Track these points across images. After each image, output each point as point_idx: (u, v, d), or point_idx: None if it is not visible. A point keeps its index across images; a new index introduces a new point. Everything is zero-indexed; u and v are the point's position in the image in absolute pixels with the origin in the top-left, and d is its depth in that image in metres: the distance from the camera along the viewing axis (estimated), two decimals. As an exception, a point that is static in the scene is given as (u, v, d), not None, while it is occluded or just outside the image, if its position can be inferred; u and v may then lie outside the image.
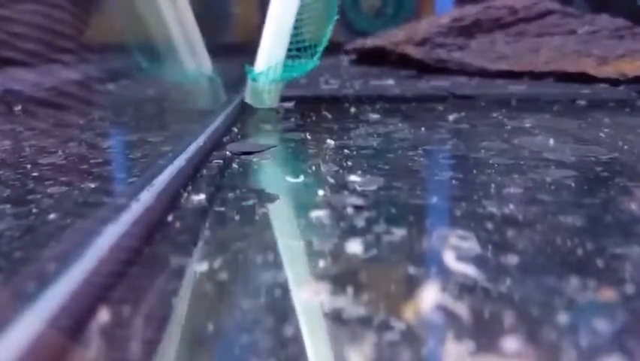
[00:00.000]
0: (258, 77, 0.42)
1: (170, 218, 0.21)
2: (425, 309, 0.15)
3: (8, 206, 0.23)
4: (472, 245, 0.18)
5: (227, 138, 0.35)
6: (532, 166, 0.28)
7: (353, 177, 0.26)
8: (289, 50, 0.43)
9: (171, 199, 0.23)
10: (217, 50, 0.99)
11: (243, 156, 0.30)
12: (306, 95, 0.52)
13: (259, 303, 0.15)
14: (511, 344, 0.13)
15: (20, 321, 0.13)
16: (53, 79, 0.49)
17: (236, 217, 0.21)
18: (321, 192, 0.24)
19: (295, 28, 0.43)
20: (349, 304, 0.15)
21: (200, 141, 0.30)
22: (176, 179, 0.24)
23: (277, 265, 0.17)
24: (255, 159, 0.30)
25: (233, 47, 1.05)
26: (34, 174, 0.28)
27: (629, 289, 0.16)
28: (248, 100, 0.44)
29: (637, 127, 0.37)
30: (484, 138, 0.34)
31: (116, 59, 0.80)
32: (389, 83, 0.59)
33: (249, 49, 1.04)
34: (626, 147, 0.32)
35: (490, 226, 0.20)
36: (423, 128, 0.37)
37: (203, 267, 0.17)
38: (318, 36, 0.44)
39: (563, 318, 0.14)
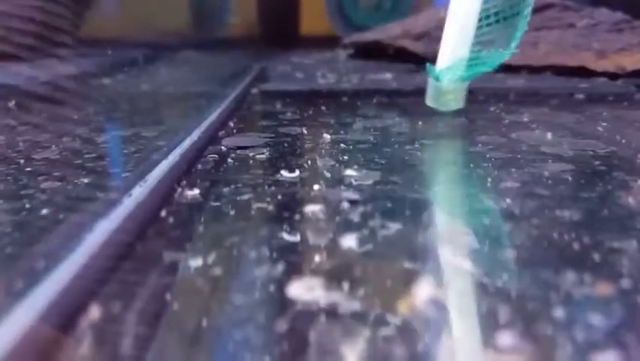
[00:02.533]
0: (441, 75, 0.35)
1: (163, 213, 0.21)
2: (420, 304, 0.15)
3: (1, 201, 0.23)
4: (468, 239, 0.18)
5: (223, 132, 0.34)
6: (530, 160, 0.28)
7: (349, 172, 0.26)
8: (475, 43, 0.36)
9: (165, 194, 0.22)
10: (213, 43, 0.99)
11: (238, 151, 0.30)
12: (302, 90, 0.52)
13: (253, 298, 0.15)
14: (507, 338, 0.13)
15: (10, 316, 0.13)
16: (48, 73, 0.49)
17: (231, 212, 0.21)
18: (316, 187, 0.24)
19: (484, 17, 0.36)
20: (344, 300, 0.15)
21: (194, 135, 0.29)
22: (170, 174, 0.24)
23: (272, 260, 0.17)
24: (250, 154, 0.30)
25: (230, 41, 1.04)
26: (28, 168, 0.27)
27: (626, 283, 0.15)
28: (430, 102, 0.36)
29: (635, 121, 0.37)
30: (482, 131, 0.34)
31: (111, 53, 0.80)
32: (387, 77, 0.59)
33: (246, 42, 1.03)
34: (624, 140, 0.31)
35: (486, 220, 0.20)
36: (420, 122, 0.37)
37: (197, 262, 0.17)
38: (508, 26, 0.36)
39: (559, 312, 0.14)
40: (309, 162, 0.28)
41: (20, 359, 0.12)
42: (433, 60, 0.36)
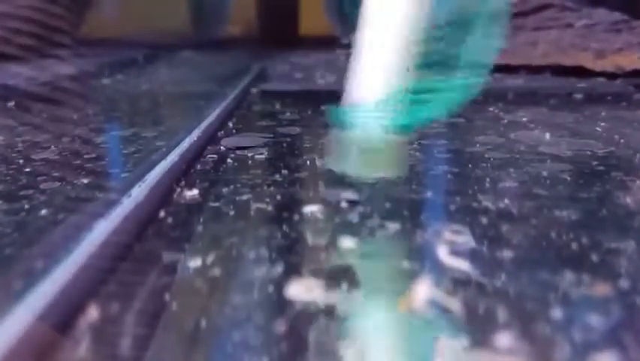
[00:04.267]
0: (355, 122, 0.21)
1: (162, 214, 0.21)
2: (418, 304, 0.15)
3: (0, 202, 0.23)
4: (466, 240, 0.18)
5: (222, 132, 0.34)
6: (528, 160, 0.28)
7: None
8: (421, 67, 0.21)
9: (164, 195, 0.22)
10: (212, 43, 0.99)
11: (237, 151, 0.30)
12: (302, 90, 0.52)
13: (252, 299, 0.15)
14: (505, 339, 0.13)
15: (9, 316, 0.13)
16: (47, 74, 0.49)
17: (231, 213, 0.21)
18: (315, 187, 0.24)
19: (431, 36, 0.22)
20: (343, 300, 0.15)
21: (194, 135, 0.29)
22: (169, 174, 0.24)
23: (271, 260, 0.17)
24: (249, 154, 0.30)
25: (229, 41, 1.04)
26: (27, 169, 0.27)
27: (624, 283, 0.15)
28: (335, 164, 0.21)
29: (634, 121, 0.37)
30: (480, 132, 0.34)
31: (110, 53, 0.80)
32: (386, 78, 0.59)
33: (246, 43, 1.03)
34: (622, 140, 0.31)
35: (485, 220, 0.20)
36: (419, 123, 0.37)
37: (196, 263, 0.17)
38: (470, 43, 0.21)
39: (557, 313, 0.14)
40: (308, 162, 0.28)
41: (19, 359, 0.12)
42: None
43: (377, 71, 0.21)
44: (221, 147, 0.31)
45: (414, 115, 0.21)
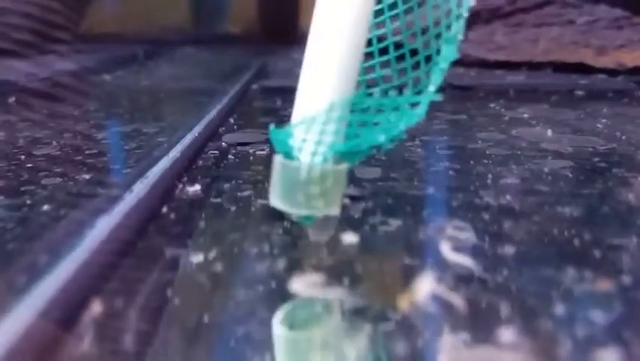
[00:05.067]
0: (296, 147, 0.17)
1: (164, 209, 0.21)
2: (421, 300, 0.15)
3: (2, 197, 0.23)
4: (468, 236, 0.18)
5: (224, 128, 0.34)
6: (530, 157, 0.28)
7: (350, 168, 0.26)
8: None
9: (166, 191, 0.22)
10: (213, 39, 0.99)
11: (239, 147, 0.30)
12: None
13: (254, 294, 0.15)
14: (507, 334, 0.13)
15: (13, 312, 0.13)
16: (48, 69, 0.49)
17: (232, 208, 0.21)
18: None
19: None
20: (345, 295, 0.15)
21: (195, 131, 0.29)
22: (170, 170, 0.24)
23: (273, 256, 0.17)
24: (251, 150, 0.30)
25: (229, 37, 1.04)
26: (28, 165, 0.27)
27: (627, 280, 0.16)
28: (274, 199, 0.16)
29: (635, 117, 0.37)
30: (482, 128, 0.34)
31: (111, 49, 0.80)
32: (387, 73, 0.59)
33: (247, 39, 1.02)
34: (624, 137, 0.31)
35: (487, 216, 0.20)
36: (420, 119, 0.37)
37: (198, 258, 0.17)
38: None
39: (559, 309, 0.14)
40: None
41: (23, 355, 0.12)
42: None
43: (319, 84, 0.17)
44: (223, 143, 0.31)
45: (358, 140, 0.16)
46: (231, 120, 0.37)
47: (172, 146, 0.26)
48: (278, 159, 0.16)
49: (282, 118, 0.38)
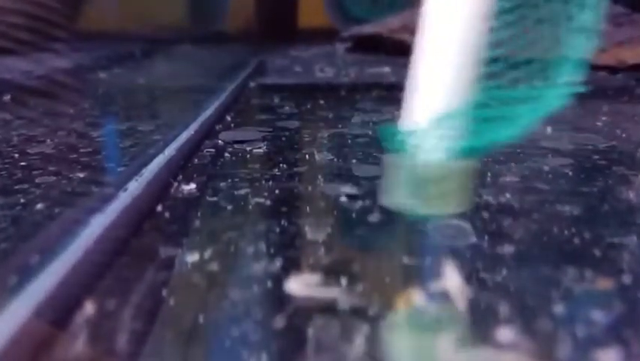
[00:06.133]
0: (415, 144, 0.17)
1: (159, 208, 0.21)
2: (419, 299, 0.15)
3: (-5, 196, 0.23)
4: (468, 234, 0.18)
5: (220, 126, 0.34)
6: (530, 154, 0.27)
7: (348, 166, 0.26)
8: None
9: (161, 189, 0.22)
10: (210, 37, 0.98)
11: (235, 145, 0.30)
12: (300, 83, 0.52)
13: (250, 294, 0.15)
14: (507, 334, 0.13)
15: (6, 311, 0.13)
16: (43, 67, 0.49)
17: (228, 207, 0.21)
18: (315, 181, 0.24)
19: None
20: (342, 295, 0.15)
21: (191, 129, 0.29)
22: (166, 168, 0.23)
23: (269, 255, 0.17)
24: (247, 148, 0.29)
25: (226, 35, 1.04)
26: (23, 163, 0.27)
27: (626, 278, 0.15)
28: (389, 199, 0.17)
29: (635, 115, 0.37)
30: (481, 126, 0.34)
31: (107, 47, 0.79)
32: (385, 71, 0.59)
33: (244, 36, 1.02)
34: (624, 135, 0.31)
35: (486, 214, 0.20)
36: (419, 117, 0.37)
37: (193, 257, 0.17)
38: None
39: (559, 308, 0.14)
40: (307, 156, 0.28)
41: (16, 354, 0.12)
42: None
43: (438, 84, 0.17)
44: (219, 141, 0.31)
45: (482, 135, 0.16)
46: (228, 118, 0.37)
47: (168, 144, 0.26)
48: (396, 160, 0.16)
49: (280, 115, 0.38)
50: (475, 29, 0.16)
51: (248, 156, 0.28)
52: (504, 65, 0.17)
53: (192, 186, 0.23)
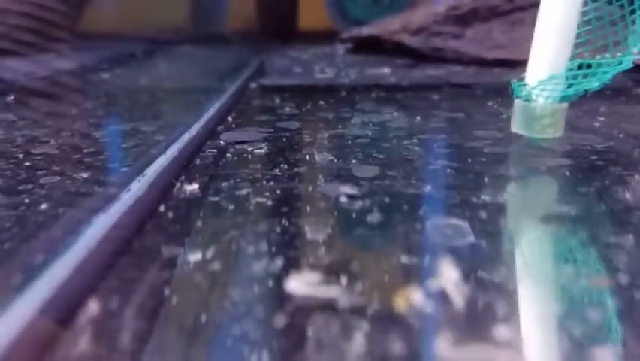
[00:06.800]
0: (533, 95, 0.28)
1: (162, 208, 0.21)
2: (417, 298, 0.15)
3: (0, 196, 0.23)
4: (466, 234, 0.18)
5: (222, 127, 0.34)
6: (528, 155, 0.28)
7: (348, 166, 0.26)
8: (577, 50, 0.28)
9: (163, 189, 0.22)
10: (212, 38, 0.98)
11: (237, 146, 0.30)
12: (301, 84, 0.52)
13: (252, 293, 0.15)
14: (504, 333, 0.13)
15: (10, 311, 0.13)
16: (46, 68, 0.49)
17: (230, 207, 0.21)
18: (315, 182, 0.24)
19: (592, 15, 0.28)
20: (342, 294, 0.15)
21: (193, 130, 0.29)
22: (168, 168, 0.24)
23: (270, 254, 0.17)
24: (249, 149, 0.30)
25: (229, 36, 1.04)
26: (27, 163, 0.27)
27: (623, 278, 0.16)
28: (517, 129, 0.28)
29: (633, 115, 0.37)
30: (480, 126, 0.34)
31: (109, 47, 0.79)
32: (385, 72, 0.59)
33: (244, 37, 1.02)
34: (621, 135, 0.31)
35: (484, 214, 0.20)
36: (418, 117, 0.37)
37: (196, 257, 0.17)
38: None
39: (556, 307, 0.14)
40: (308, 156, 0.28)
41: (20, 353, 0.12)
42: (430, 55, 0.33)
43: (548, 51, 0.27)
44: (221, 142, 0.31)
45: (576, 87, 0.27)
46: (229, 119, 0.37)
47: (170, 144, 0.26)
48: (519, 103, 0.28)
49: (281, 116, 0.38)
50: (574, 14, 0.27)
51: (249, 156, 0.28)
52: (592, 35, 0.27)
53: (194, 186, 0.23)
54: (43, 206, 0.21)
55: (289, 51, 0.82)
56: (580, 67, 0.27)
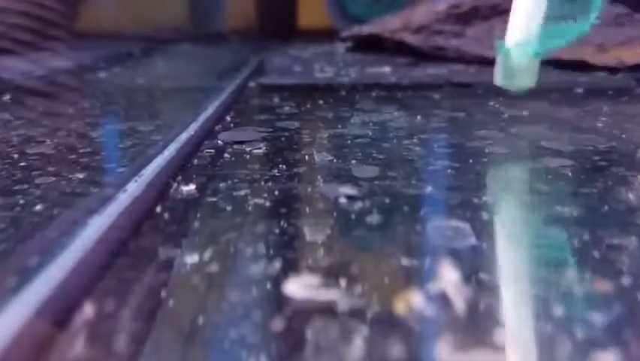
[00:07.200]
0: (511, 52, 0.34)
1: (159, 209, 0.21)
2: (417, 301, 0.14)
3: (-6, 197, 0.23)
4: (467, 235, 0.18)
5: (220, 126, 0.34)
6: (529, 155, 0.27)
7: (347, 167, 0.26)
8: (548, 16, 0.34)
9: (160, 190, 0.22)
10: (211, 36, 0.98)
11: (235, 145, 0.30)
12: (300, 83, 0.52)
13: (250, 295, 0.15)
14: (505, 336, 0.13)
15: (5, 313, 0.13)
16: (43, 67, 0.49)
17: (228, 208, 0.21)
18: (314, 182, 0.24)
19: None
20: (342, 297, 0.15)
21: (191, 129, 0.29)
22: (165, 169, 0.23)
23: (268, 256, 0.17)
24: (247, 149, 0.29)
25: (227, 34, 1.04)
26: (22, 163, 0.27)
27: (626, 280, 0.15)
28: (499, 82, 0.35)
29: (635, 116, 0.37)
30: (481, 126, 0.34)
31: (107, 46, 0.79)
32: (385, 71, 0.59)
33: (243, 35, 1.02)
34: (624, 135, 0.31)
35: (485, 216, 0.20)
36: (419, 117, 0.37)
37: (193, 258, 0.17)
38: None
39: (557, 310, 0.14)
40: (307, 157, 0.28)
41: (16, 356, 0.12)
42: (431, 53, 0.35)
43: (524, 16, 0.33)
44: (219, 142, 0.31)
45: (546, 45, 0.33)
46: (228, 118, 0.37)
47: (167, 144, 0.26)
48: (501, 59, 0.34)
49: (280, 116, 0.38)
50: None
51: (247, 156, 0.28)
52: (557, 7, 0.33)
53: (192, 186, 0.23)
54: (39, 207, 0.21)
55: (289, 50, 0.82)
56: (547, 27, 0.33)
